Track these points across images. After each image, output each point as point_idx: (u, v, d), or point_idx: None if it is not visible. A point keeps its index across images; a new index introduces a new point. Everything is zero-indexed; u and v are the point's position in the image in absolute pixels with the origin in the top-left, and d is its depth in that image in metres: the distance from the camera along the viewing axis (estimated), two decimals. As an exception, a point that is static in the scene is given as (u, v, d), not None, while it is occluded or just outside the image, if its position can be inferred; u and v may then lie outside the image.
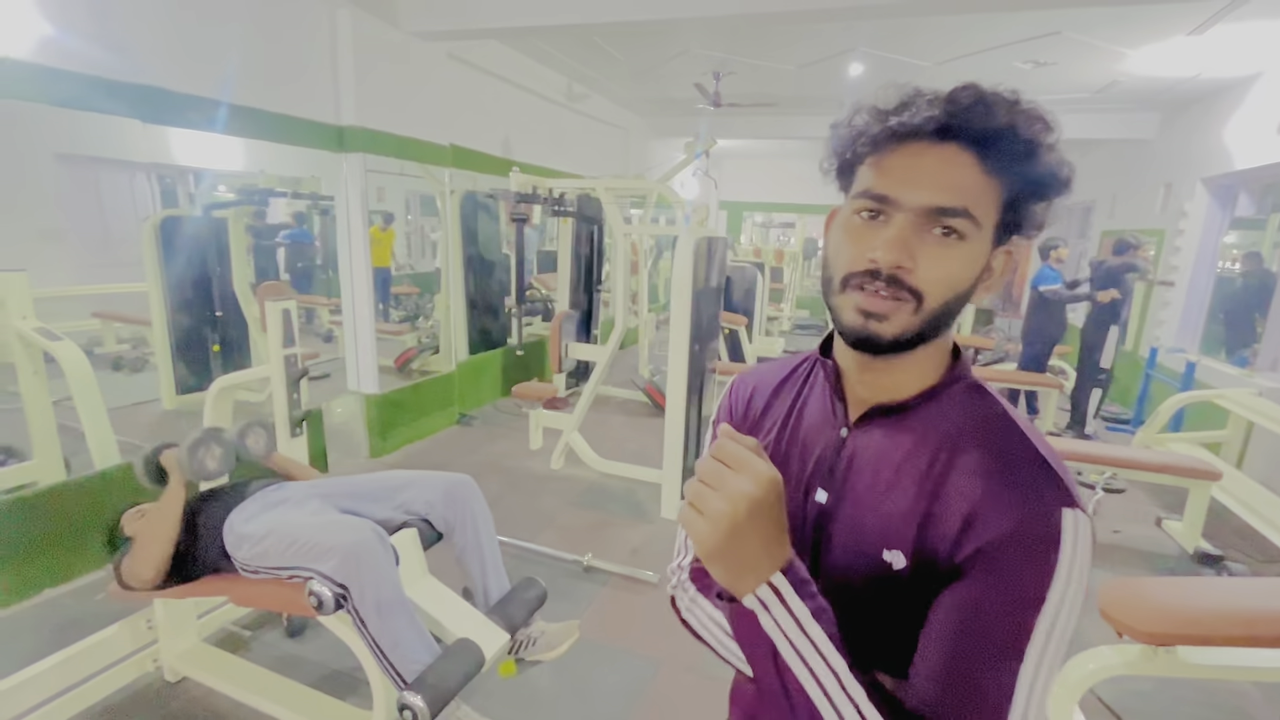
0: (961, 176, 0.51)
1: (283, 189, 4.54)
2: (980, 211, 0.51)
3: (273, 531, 1.46)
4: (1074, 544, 0.49)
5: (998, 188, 0.51)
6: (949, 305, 0.53)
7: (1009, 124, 0.50)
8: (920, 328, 0.53)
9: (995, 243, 0.54)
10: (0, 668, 1.98)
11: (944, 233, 0.51)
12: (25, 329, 2.87)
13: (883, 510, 0.56)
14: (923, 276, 0.51)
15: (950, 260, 0.52)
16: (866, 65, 4.87)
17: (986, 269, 0.54)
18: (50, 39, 2.28)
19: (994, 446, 0.54)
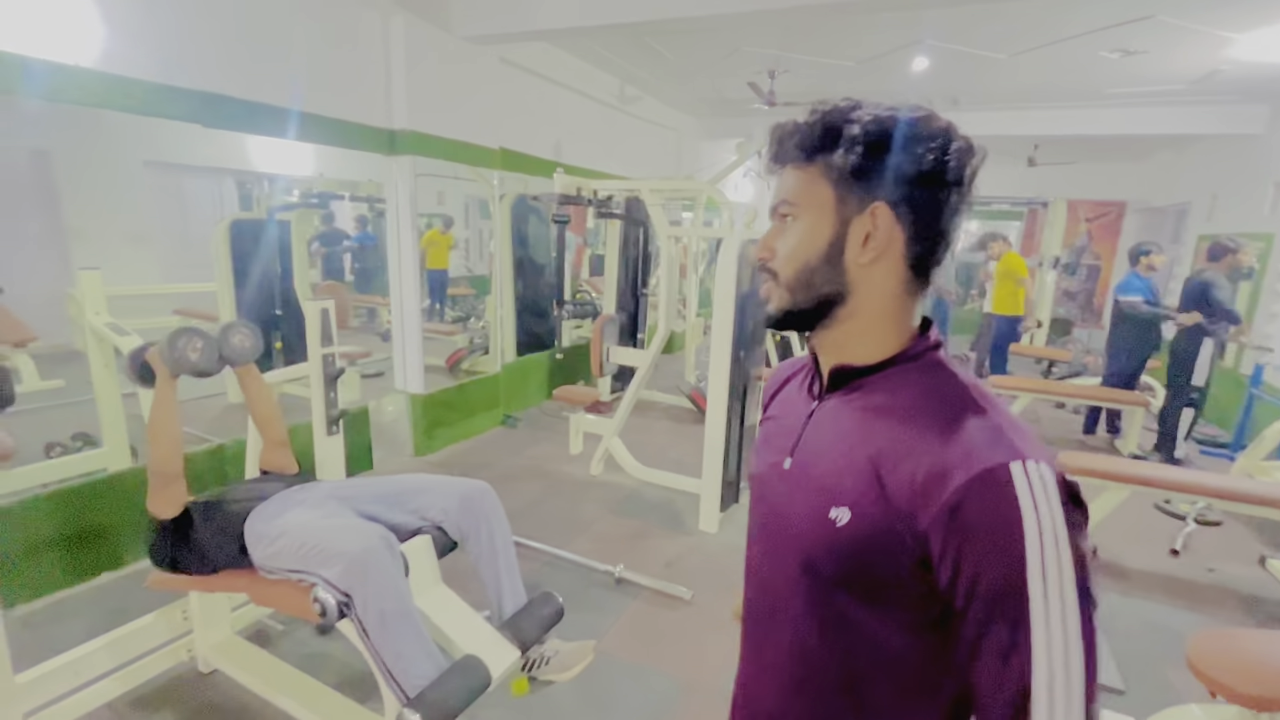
0: (786, 182, 0.63)
1: (341, 192, 4.68)
2: (802, 196, 0.62)
3: (286, 532, 1.45)
4: (1031, 494, 0.50)
5: (818, 172, 0.61)
6: (802, 274, 0.62)
7: (795, 125, 0.62)
8: (792, 299, 0.63)
9: (845, 212, 0.60)
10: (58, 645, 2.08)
11: (781, 220, 0.64)
12: (98, 324, 3.04)
13: (828, 470, 0.62)
14: (777, 259, 0.64)
15: (787, 239, 0.63)
16: (933, 59, 4.60)
17: (839, 236, 0.61)
18: (117, 48, 2.40)
19: (941, 411, 0.58)
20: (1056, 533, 0.50)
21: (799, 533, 0.63)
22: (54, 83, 2.24)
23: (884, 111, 0.58)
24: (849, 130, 0.58)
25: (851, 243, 0.60)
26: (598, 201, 3.79)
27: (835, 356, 0.65)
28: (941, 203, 0.59)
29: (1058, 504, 0.51)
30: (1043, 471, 0.52)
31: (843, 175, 0.59)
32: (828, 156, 0.60)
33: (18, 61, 2.14)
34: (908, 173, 0.57)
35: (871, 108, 0.59)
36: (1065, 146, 7.47)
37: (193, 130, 5.49)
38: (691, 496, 3.48)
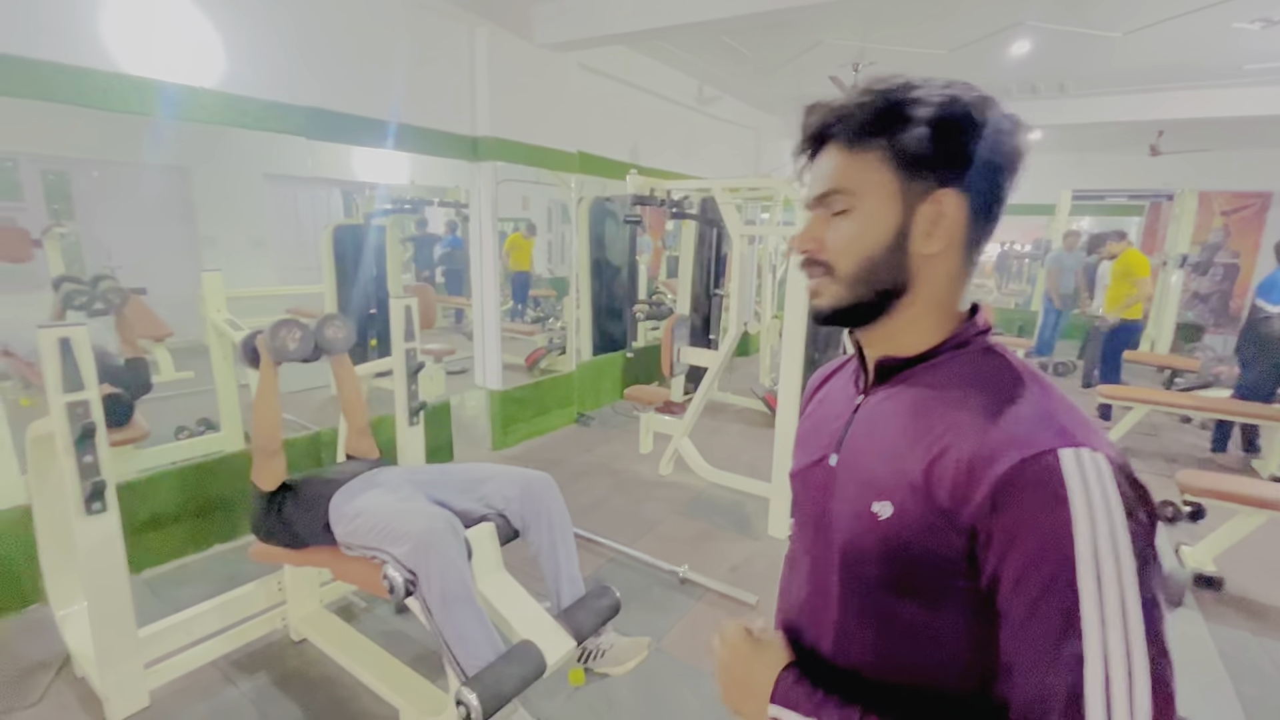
0: (834, 166, 0.59)
1: (431, 198, 4.95)
2: (858, 183, 0.58)
3: (363, 512, 1.54)
4: (1084, 484, 0.46)
5: (877, 156, 0.57)
6: (864, 267, 0.58)
7: (846, 107, 0.58)
8: (852, 294, 0.60)
9: (910, 199, 0.57)
10: (172, 607, 2.33)
11: (829, 212, 0.60)
12: (219, 320, 3.37)
13: (873, 464, 0.59)
14: (830, 251, 0.60)
15: (844, 230, 0.59)
16: (1035, 41, 4.27)
17: (904, 225, 0.57)
18: (233, 69, 2.66)
19: (988, 398, 0.54)
20: (1114, 529, 0.45)
21: (842, 528, 0.60)
22: (183, 103, 2.51)
23: (945, 91, 0.55)
24: (918, 110, 0.54)
25: (917, 232, 0.57)
26: (671, 202, 3.79)
27: (883, 348, 0.62)
28: (1001, 185, 0.57)
29: (1115, 497, 0.46)
30: (1098, 460, 0.47)
31: (909, 159, 0.56)
32: (892, 139, 0.56)
33: (155, 86, 2.42)
34: (980, 157, 0.55)
35: (927, 86, 0.56)
36: (1194, 132, 6.72)
37: (303, 144, 5.95)
38: (760, 500, 3.40)
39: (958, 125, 0.54)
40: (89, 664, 1.90)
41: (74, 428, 1.62)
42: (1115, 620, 0.45)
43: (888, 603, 0.57)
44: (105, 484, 1.69)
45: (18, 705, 1.89)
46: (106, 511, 1.71)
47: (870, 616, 0.59)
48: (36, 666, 2.05)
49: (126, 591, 1.79)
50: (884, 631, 0.58)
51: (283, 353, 1.83)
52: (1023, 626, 0.48)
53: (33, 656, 2.10)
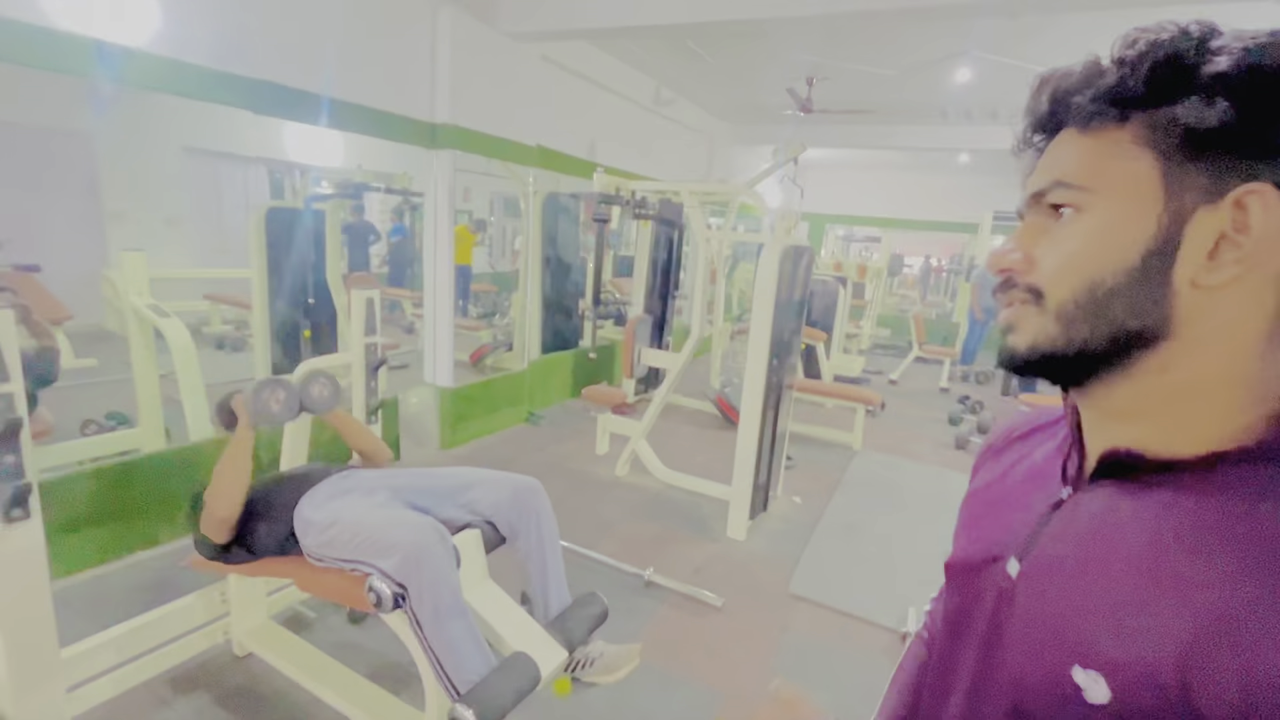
0: (1061, 152, 0.42)
1: (377, 184, 4.71)
2: (1096, 176, 0.39)
3: (338, 521, 1.44)
4: None
5: (1132, 137, 0.38)
6: (1090, 297, 0.39)
7: (1099, 68, 0.40)
8: (1066, 335, 0.40)
9: (1181, 200, 0.37)
10: (89, 623, 2.09)
11: (1048, 213, 0.42)
12: (140, 305, 3.07)
13: (1082, 604, 0.39)
14: (1041, 270, 0.42)
15: (1063, 240, 0.41)
16: (975, 71, 4.55)
17: (1167, 239, 0.37)
18: (173, 32, 2.42)
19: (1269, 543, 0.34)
20: None
21: (1016, 682, 0.42)
22: (119, 65, 2.27)
23: (1266, 37, 0.35)
24: (1210, 66, 0.35)
25: (1189, 251, 0.37)
26: (634, 202, 3.78)
27: (1116, 430, 0.42)
28: None
29: None
30: None
31: (1187, 141, 0.36)
32: (1160, 111, 0.37)
33: (85, 43, 2.17)
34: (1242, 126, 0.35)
35: (1247, 34, 0.36)
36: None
37: (230, 118, 5.52)
38: (717, 502, 3.45)
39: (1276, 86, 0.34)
40: (-4, 690, 1.68)
41: (-7, 424, 1.43)
42: None
43: None
44: (30, 487, 1.50)
45: (-96, 741, 1.65)
46: (30, 518, 1.52)
47: None
48: (-75, 695, 1.80)
49: (49, 607, 1.60)
50: None
51: (264, 416, 1.69)
52: None
53: (-82, 683, 1.84)
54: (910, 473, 4.26)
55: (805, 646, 2.34)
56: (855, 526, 3.32)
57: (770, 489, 3.36)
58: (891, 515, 3.54)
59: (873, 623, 2.49)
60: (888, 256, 9.21)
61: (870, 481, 3.97)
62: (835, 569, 2.89)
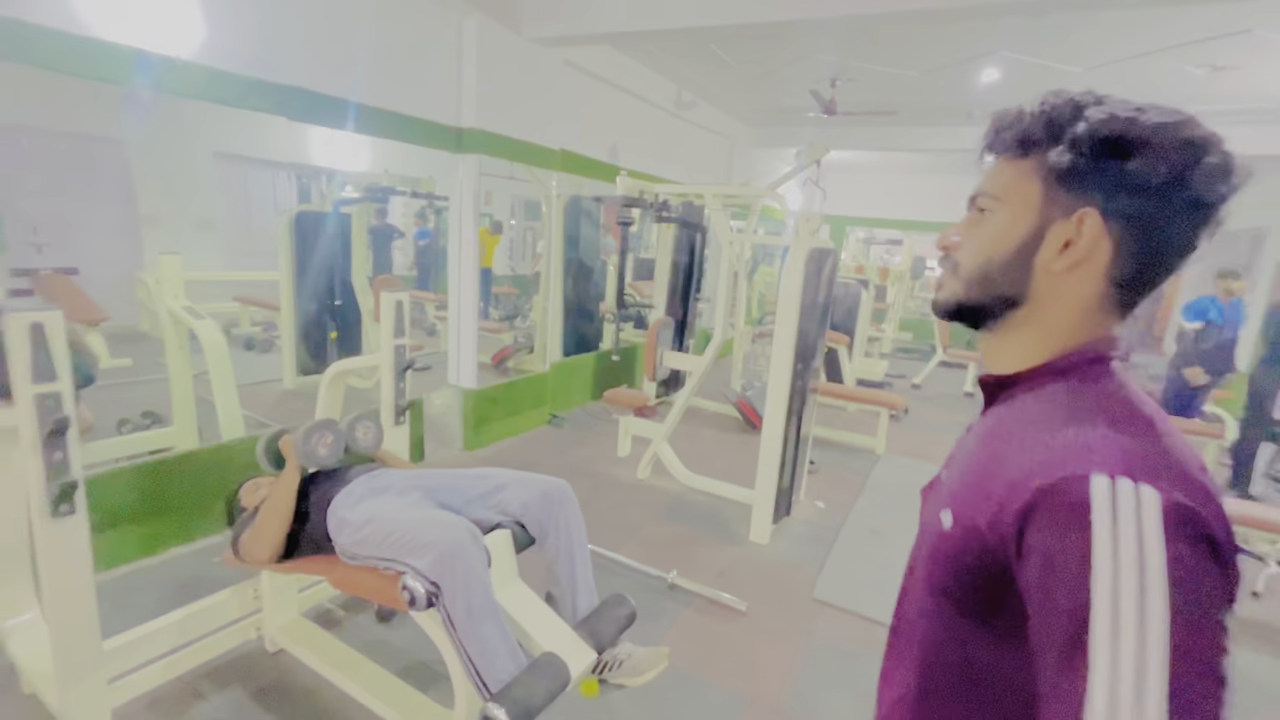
0: (995, 173, 0.60)
1: (403, 188, 4.78)
2: (1005, 190, 0.59)
3: (373, 519, 1.46)
4: (1113, 513, 0.43)
5: (1030, 167, 0.57)
6: (983, 269, 0.59)
7: (1016, 113, 0.59)
8: (965, 292, 0.61)
9: (1049, 213, 0.56)
10: (127, 617, 2.15)
11: (977, 211, 0.61)
12: (175, 307, 3.15)
13: (952, 478, 0.61)
14: (963, 249, 0.61)
15: (978, 231, 0.60)
16: (1004, 71, 4.49)
17: (1035, 237, 0.57)
18: (213, 41, 2.49)
19: (1057, 419, 0.52)
20: (1144, 572, 0.40)
21: (922, 540, 0.64)
22: (160, 74, 2.33)
23: (1126, 111, 0.52)
24: (1074, 128, 0.53)
25: (1047, 246, 0.55)
26: (657, 206, 3.78)
27: (989, 364, 0.63)
28: (1168, 221, 0.52)
29: (1156, 537, 0.41)
30: (1142, 493, 0.43)
31: (1055, 174, 0.55)
32: (1045, 152, 0.55)
33: (132, 54, 2.23)
34: (1132, 182, 0.51)
35: (1114, 105, 0.52)
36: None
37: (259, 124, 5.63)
38: (739, 506, 3.43)
39: (1111, 144, 0.51)
40: (41, 680, 1.73)
41: (44, 422, 1.48)
42: (1130, 668, 0.40)
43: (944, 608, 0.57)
44: (76, 484, 1.54)
45: (-44, 728, 1.71)
46: (75, 514, 1.57)
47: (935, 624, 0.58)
48: (-26, 684, 1.86)
49: (93, 601, 1.64)
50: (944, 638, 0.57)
51: (312, 458, 1.74)
52: (1038, 654, 0.46)
53: (-33, 673, 1.90)
54: (935, 478, 4.20)
55: (831, 652, 2.32)
56: (880, 532, 3.28)
57: (793, 493, 3.34)
58: (916, 520, 3.49)
59: (868, 618, 2.46)
60: (910, 259, 9.10)
61: (894, 486, 3.92)
62: (860, 574, 2.86)
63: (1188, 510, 0.43)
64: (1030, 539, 0.46)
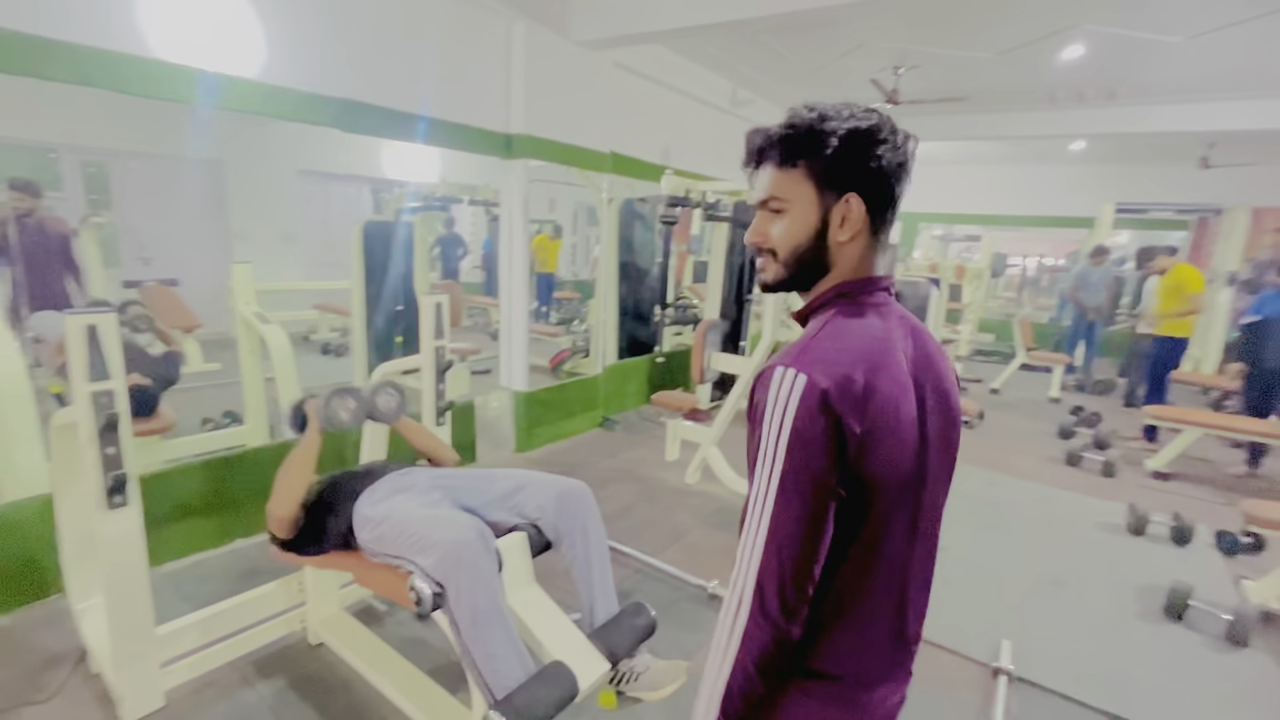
0: (771, 180, 0.76)
1: (461, 196, 4.91)
2: (789, 193, 0.75)
3: (389, 517, 1.47)
4: (778, 387, 0.69)
5: (801, 173, 0.74)
6: (795, 253, 0.77)
7: (775, 136, 0.75)
8: (786, 272, 0.78)
9: (825, 203, 0.74)
10: (192, 603, 2.28)
11: (772, 212, 0.77)
12: (247, 313, 3.35)
13: None
14: (773, 241, 0.77)
15: (781, 227, 0.76)
16: (1090, 45, 4.10)
17: (823, 222, 0.75)
18: (272, 60, 2.62)
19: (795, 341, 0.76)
20: (783, 419, 0.68)
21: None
22: (220, 92, 2.48)
23: (846, 119, 0.72)
24: (827, 140, 0.72)
25: (832, 226, 0.75)
26: (705, 204, 3.69)
27: (803, 308, 0.82)
28: (895, 184, 0.74)
29: (794, 404, 0.68)
30: (798, 379, 0.68)
31: (822, 175, 0.73)
32: (810, 160, 0.73)
33: (192, 73, 2.39)
34: (874, 168, 0.72)
35: (832, 114, 0.72)
36: (1248, 144, 6.45)
37: (338, 142, 5.91)
38: (792, 515, 3.28)
39: (856, 147, 0.72)
40: (104, 660, 1.85)
41: (98, 418, 1.57)
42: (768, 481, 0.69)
43: None
44: (127, 477, 1.64)
45: (32, 699, 1.85)
46: (128, 505, 1.66)
47: None
48: (53, 660, 2.02)
49: (146, 588, 1.74)
50: None
51: (335, 422, 1.80)
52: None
53: (51, 649, 2.07)
54: (1011, 490, 3.87)
55: (882, 675, 2.15)
56: (946, 548, 3.02)
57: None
58: (988, 536, 3.22)
59: (961, 654, 2.25)
60: (989, 256, 8.52)
61: (965, 498, 3.64)
62: (920, 592, 2.65)
63: (817, 387, 0.67)
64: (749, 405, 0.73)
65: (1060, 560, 3.01)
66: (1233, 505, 3.84)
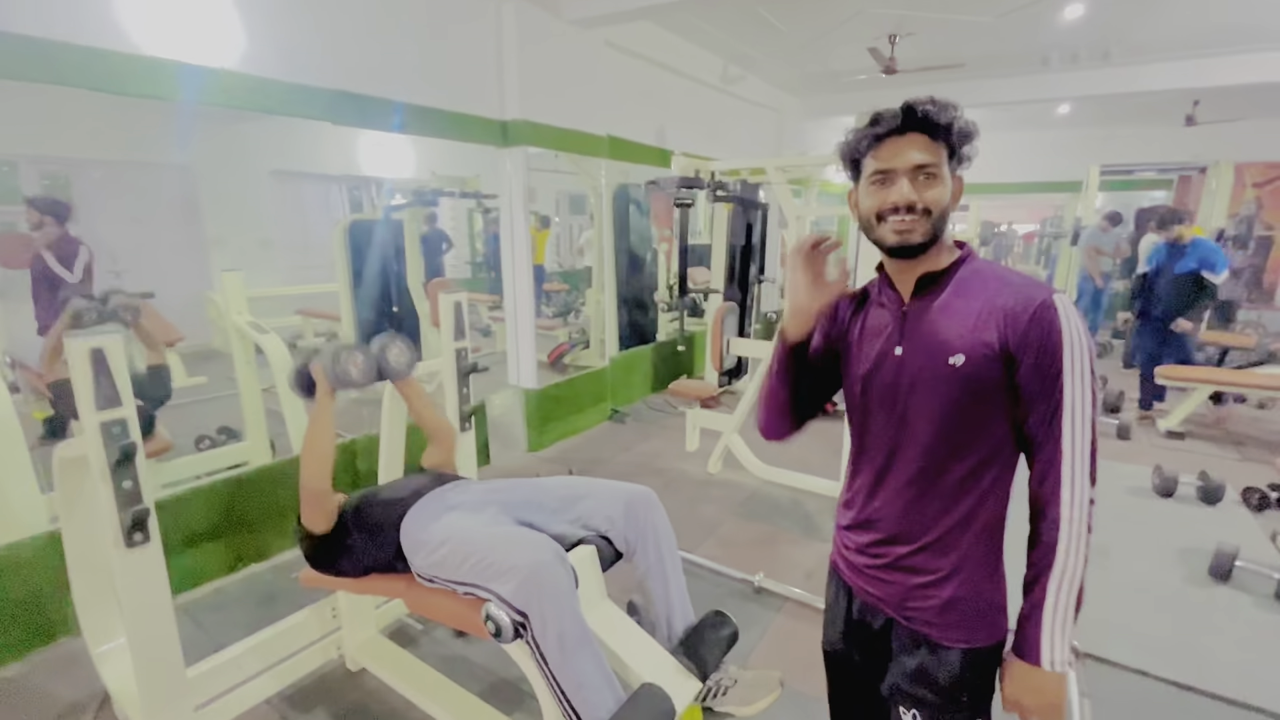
0: (921, 148, 0.89)
1: (450, 189, 4.72)
2: (935, 163, 0.89)
3: (448, 540, 1.35)
4: (1067, 315, 0.84)
5: (942, 147, 0.89)
6: (943, 214, 0.90)
7: (931, 111, 0.88)
8: (933, 230, 0.90)
9: (952, 175, 0.91)
10: (213, 638, 2.13)
11: (926, 177, 0.89)
12: (240, 323, 3.16)
13: (940, 339, 0.90)
14: (928, 202, 0.89)
15: (934, 190, 0.89)
16: (1089, 4, 4.04)
17: (950, 190, 0.91)
18: (252, 50, 2.43)
19: (995, 281, 0.90)
20: (1084, 339, 0.84)
21: (926, 384, 0.90)
22: (203, 86, 2.29)
23: (958, 113, 0.89)
24: (958, 125, 0.88)
25: (952, 195, 0.91)
26: (714, 184, 3.57)
27: (923, 268, 0.93)
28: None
29: (1080, 319, 0.85)
30: (1066, 298, 0.86)
31: (952, 153, 0.90)
32: (948, 139, 0.88)
33: (175, 68, 2.20)
34: (969, 153, 0.91)
35: (953, 105, 0.89)
36: (1232, 101, 6.47)
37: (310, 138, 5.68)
38: (821, 499, 3.22)
39: (966, 134, 0.89)
40: (131, 706, 1.71)
41: (110, 450, 1.42)
42: (1081, 399, 0.84)
43: (962, 410, 0.89)
44: (148, 512, 1.49)
45: (55, 756, 1.70)
46: (149, 542, 1.52)
47: (953, 422, 0.89)
48: (73, 708, 1.87)
49: (173, 629, 1.60)
50: (960, 429, 0.89)
51: (345, 380, 1.63)
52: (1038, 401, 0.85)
53: (67, 696, 1.92)
54: (1033, 459, 3.85)
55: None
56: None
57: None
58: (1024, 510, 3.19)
59: (1020, 633, 2.20)
60: (978, 225, 8.50)
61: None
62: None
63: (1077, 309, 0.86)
64: (1032, 334, 0.84)
65: (1100, 529, 2.98)
66: (1248, 460, 3.87)
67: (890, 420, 0.95)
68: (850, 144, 0.94)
